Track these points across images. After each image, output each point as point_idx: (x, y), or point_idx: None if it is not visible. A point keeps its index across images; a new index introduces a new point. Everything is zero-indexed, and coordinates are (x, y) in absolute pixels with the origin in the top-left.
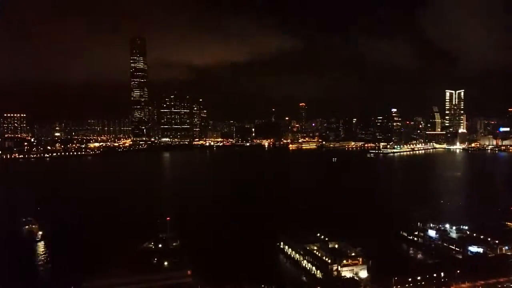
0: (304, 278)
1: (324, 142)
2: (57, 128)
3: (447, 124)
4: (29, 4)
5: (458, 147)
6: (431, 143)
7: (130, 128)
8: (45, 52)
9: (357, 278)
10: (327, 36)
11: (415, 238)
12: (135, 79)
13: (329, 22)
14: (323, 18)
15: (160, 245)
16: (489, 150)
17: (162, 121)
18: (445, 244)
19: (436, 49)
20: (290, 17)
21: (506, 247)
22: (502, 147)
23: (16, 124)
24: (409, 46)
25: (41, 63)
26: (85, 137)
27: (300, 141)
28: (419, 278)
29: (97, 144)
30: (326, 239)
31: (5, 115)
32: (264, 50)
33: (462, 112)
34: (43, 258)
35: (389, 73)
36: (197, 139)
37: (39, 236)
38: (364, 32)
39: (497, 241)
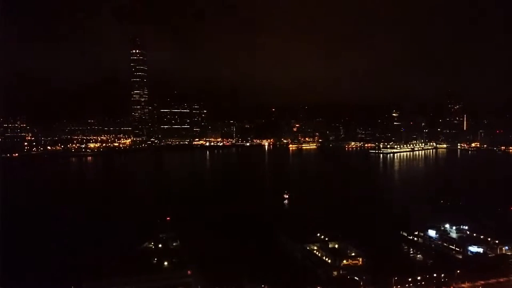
0: (304, 278)
1: (324, 142)
2: (57, 128)
3: (447, 124)
4: (29, 3)
5: (458, 147)
6: (431, 143)
7: (130, 128)
8: (45, 52)
9: (357, 278)
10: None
11: (415, 238)
12: (135, 79)
13: None
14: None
15: (160, 245)
16: (489, 150)
17: (162, 121)
18: (445, 244)
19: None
20: None
21: (506, 247)
22: (502, 148)
23: (16, 124)
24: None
25: (41, 63)
26: (85, 137)
27: (300, 141)
28: (419, 278)
29: (97, 144)
30: (326, 239)
31: (5, 115)
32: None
33: (462, 112)
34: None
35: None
36: (197, 139)
37: None
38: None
39: (497, 241)
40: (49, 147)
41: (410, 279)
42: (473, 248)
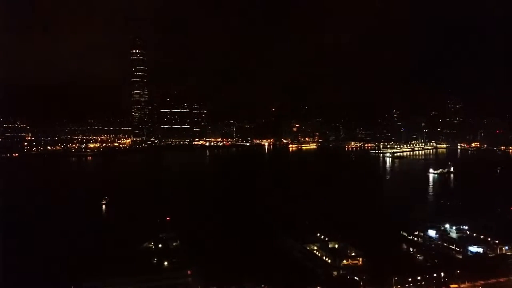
0: (304, 278)
1: (324, 142)
2: (57, 128)
3: (447, 124)
4: (29, 3)
5: (458, 147)
6: (431, 143)
7: (130, 128)
8: (45, 51)
9: (357, 278)
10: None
11: (415, 238)
12: (135, 79)
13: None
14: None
15: (160, 245)
16: (489, 150)
17: (162, 121)
18: (445, 244)
19: None
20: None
21: (506, 247)
22: (502, 148)
23: (16, 124)
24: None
25: (41, 62)
26: (85, 137)
27: (300, 141)
28: (419, 278)
29: (97, 144)
30: (326, 239)
31: (5, 115)
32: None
33: (462, 112)
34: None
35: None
36: (197, 139)
37: None
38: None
39: (497, 241)
40: (49, 147)
41: (410, 279)
42: (473, 248)
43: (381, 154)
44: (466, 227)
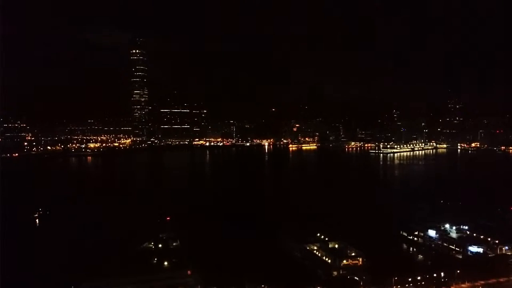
0: (304, 278)
1: (324, 142)
2: (57, 128)
3: (447, 124)
4: (30, 2)
5: (458, 147)
6: (431, 143)
7: (130, 128)
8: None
9: (357, 278)
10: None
11: (415, 238)
12: (135, 79)
13: None
14: None
15: (160, 245)
16: (489, 150)
17: (162, 121)
18: (445, 244)
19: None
20: None
21: (506, 247)
22: (502, 148)
23: (16, 124)
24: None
25: (41, 62)
26: (85, 137)
27: (300, 141)
28: (419, 278)
29: (97, 144)
30: (326, 239)
31: (5, 115)
32: None
33: (462, 112)
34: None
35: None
36: (197, 139)
37: None
38: None
39: (497, 241)
40: (49, 147)
41: (410, 279)
42: (473, 248)
43: (381, 154)
44: (466, 227)
